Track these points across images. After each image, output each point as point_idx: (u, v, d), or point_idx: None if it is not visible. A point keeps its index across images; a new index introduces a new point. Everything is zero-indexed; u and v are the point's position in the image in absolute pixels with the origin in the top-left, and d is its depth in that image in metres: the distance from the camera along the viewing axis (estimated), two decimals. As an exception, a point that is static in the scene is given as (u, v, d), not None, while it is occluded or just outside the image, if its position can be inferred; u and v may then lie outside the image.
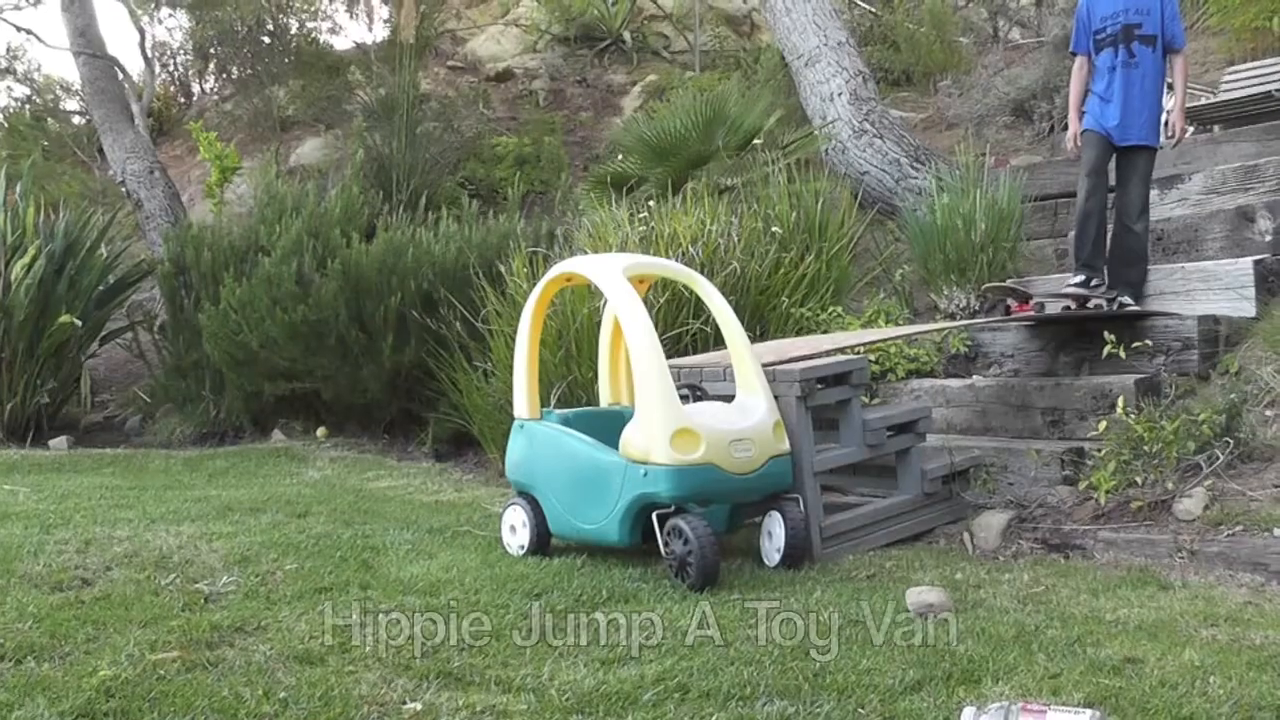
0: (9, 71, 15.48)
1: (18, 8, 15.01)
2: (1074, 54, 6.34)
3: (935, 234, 7.01)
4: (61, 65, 30.53)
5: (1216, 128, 8.82)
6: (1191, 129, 9.01)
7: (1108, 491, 4.78)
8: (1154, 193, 6.56)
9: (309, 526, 5.12)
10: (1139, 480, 4.79)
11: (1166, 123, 6.23)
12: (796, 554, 4.43)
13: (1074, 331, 5.95)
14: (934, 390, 6.09)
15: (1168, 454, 4.75)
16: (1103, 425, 4.91)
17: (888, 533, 4.93)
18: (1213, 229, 6.34)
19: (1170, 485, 4.72)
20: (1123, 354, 5.19)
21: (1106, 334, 5.23)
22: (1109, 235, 6.09)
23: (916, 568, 4.47)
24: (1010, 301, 6.35)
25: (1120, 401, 5.00)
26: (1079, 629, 3.51)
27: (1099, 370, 5.70)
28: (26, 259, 8.53)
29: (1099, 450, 4.97)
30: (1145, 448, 4.79)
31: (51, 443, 8.51)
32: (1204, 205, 6.69)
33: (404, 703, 2.89)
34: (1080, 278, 5.98)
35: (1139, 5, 5.98)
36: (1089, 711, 2.43)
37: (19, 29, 17.41)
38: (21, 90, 15.71)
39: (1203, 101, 8.88)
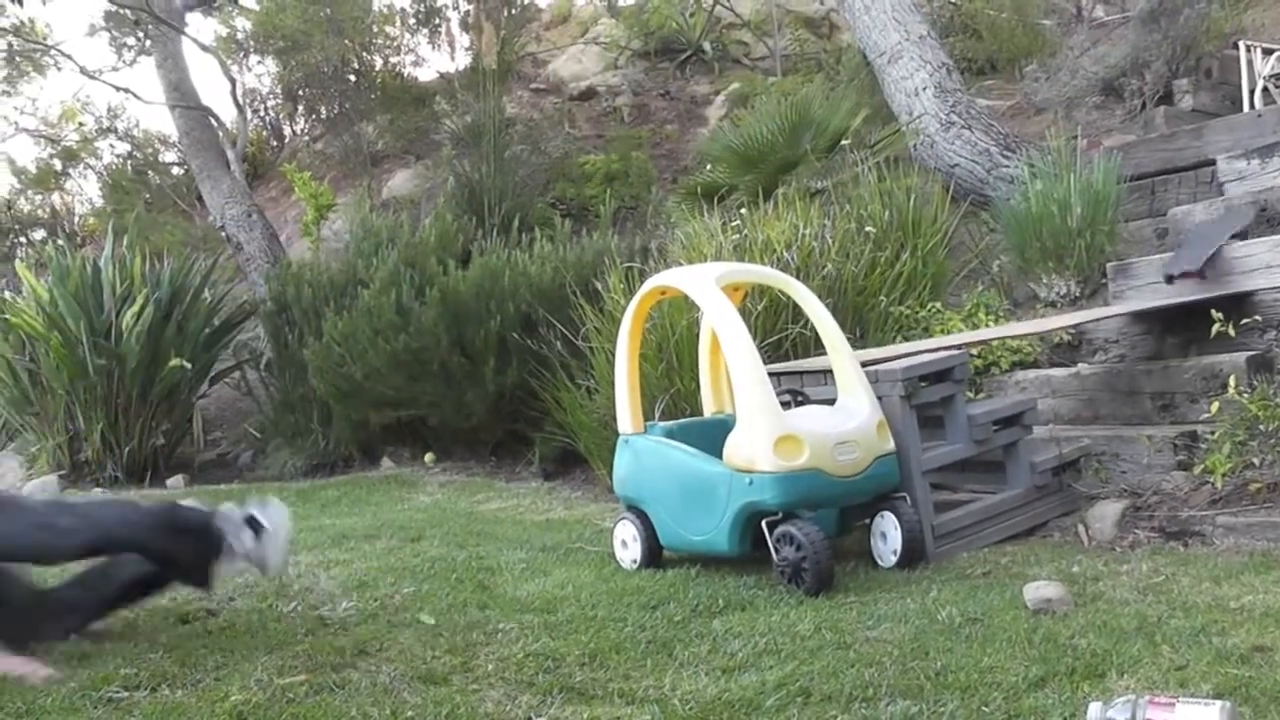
0: (111, 130, 16.01)
1: (115, 69, 15.53)
2: None
3: (1030, 222, 6.91)
4: (159, 119, 31.53)
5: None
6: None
7: (1224, 475, 4.66)
8: (1255, 162, 6.39)
9: (423, 550, 5.21)
10: (1256, 461, 4.66)
11: None
12: (911, 554, 4.41)
13: (1179, 312, 5.81)
14: (1039, 381, 6.00)
15: (1286, 432, 4.62)
16: (1215, 406, 4.78)
17: (1000, 528, 4.87)
18: (1320, 196, 6.14)
19: (1290, 465, 4.60)
20: (1232, 331, 5.01)
21: (1214, 312, 5.09)
22: None
23: (1032, 562, 4.42)
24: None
25: (1232, 381, 4.86)
26: (1203, 618, 3.44)
27: (1208, 350, 5.54)
28: (135, 308, 8.81)
29: (1212, 433, 4.84)
30: (1261, 427, 4.65)
31: (169, 482, 8.75)
32: (1310, 172, 6.48)
33: (529, 719, 2.94)
34: None
35: None
36: (1219, 703, 2.38)
37: (117, 89, 18.07)
38: (123, 147, 16.20)
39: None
